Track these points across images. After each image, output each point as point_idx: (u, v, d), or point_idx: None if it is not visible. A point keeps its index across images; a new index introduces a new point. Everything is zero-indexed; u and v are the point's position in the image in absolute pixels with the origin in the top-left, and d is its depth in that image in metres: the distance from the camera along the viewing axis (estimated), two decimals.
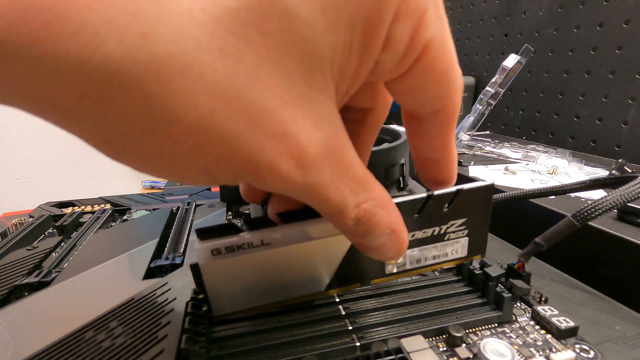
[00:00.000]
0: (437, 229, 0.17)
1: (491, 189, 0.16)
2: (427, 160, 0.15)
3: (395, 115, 0.30)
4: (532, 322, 0.18)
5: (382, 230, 0.13)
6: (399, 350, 0.15)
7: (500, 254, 0.24)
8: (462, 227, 0.17)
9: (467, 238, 0.17)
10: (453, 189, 0.16)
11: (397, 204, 0.16)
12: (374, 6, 0.10)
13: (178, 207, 0.34)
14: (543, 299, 0.19)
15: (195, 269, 0.15)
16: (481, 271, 0.19)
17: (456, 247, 0.17)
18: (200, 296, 0.16)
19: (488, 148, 0.53)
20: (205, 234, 0.15)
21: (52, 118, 0.09)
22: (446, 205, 0.16)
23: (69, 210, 0.35)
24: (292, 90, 0.10)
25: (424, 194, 0.16)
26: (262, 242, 0.15)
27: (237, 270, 0.15)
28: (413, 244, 0.17)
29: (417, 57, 0.11)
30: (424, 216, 0.16)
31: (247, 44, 0.09)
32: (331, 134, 0.11)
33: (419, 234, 0.16)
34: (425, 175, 0.16)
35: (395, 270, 0.17)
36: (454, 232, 0.17)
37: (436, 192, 0.16)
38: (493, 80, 0.50)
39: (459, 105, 0.14)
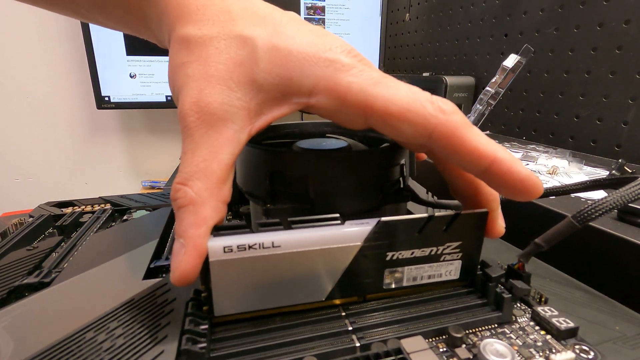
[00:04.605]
0: (435, 249, 0.18)
1: (485, 216, 0.18)
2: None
3: None
4: (532, 323, 0.18)
5: None
6: (399, 350, 0.15)
7: (500, 254, 0.24)
8: (457, 250, 0.18)
9: (460, 261, 0.18)
10: (451, 212, 0.17)
11: (401, 222, 0.16)
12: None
13: None
14: (543, 299, 0.19)
15: (204, 265, 0.15)
16: (481, 272, 0.19)
17: (450, 269, 0.18)
18: (204, 295, 0.16)
19: None
20: (218, 230, 0.15)
21: None
22: (444, 227, 0.17)
23: (69, 210, 0.34)
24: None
25: (425, 215, 0.17)
26: (273, 244, 0.15)
27: (244, 270, 0.15)
28: (412, 261, 0.17)
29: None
30: (424, 235, 0.17)
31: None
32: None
33: (418, 252, 0.17)
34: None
35: (393, 286, 0.18)
36: (449, 253, 0.18)
37: (436, 214, 0.17)
38: (493, 80, 0.50)
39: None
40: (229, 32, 0.17)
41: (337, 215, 0.17)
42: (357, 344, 0.15)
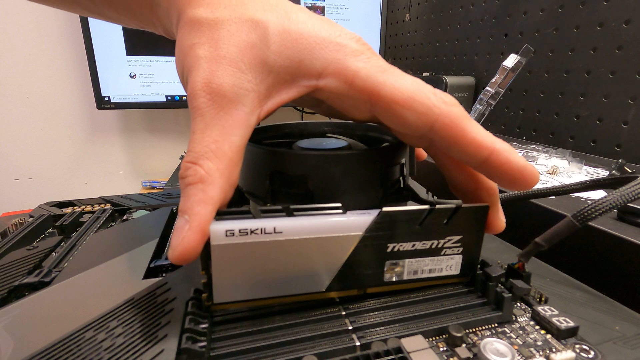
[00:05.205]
0: (436, 242, 0.18)
1: (486, 210, 0.18)
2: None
3: None
4: (532, 322, 0.18)
5: None
6: (399, 350, 0.15)
7: (500, 254, 0.24)
8: (458, 244, 0.18)
9: (461, 256, 0.18)
10: (452, 205, 0.17)
11: (402, 213, 0.16)
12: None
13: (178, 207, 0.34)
14: (543, 299, 0.19)
15: (205, 249, 0.15)
16: (481, 271, 0.19)
17: (451, 264, 0.18)
18: (203, 281, 0.16)
19: None
20: (221, 214, 0.15)
21: None
22: (445, 220, 0.17)
23: (69, 210, 0.34)
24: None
25: (427, 207, 0.17)
26: (275, 230, 0.15)
27: (245, 256, 0.15)
28: (413, 254, 0.17)
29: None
30: (424, 228, 0.17)
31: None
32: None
33: (419, 245, 0.17)
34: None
35: (394, 279, 0.18)
36: (450, 247, 0.18)
37: (437, 206, 0.17)
38: (493, 80, 0.50)
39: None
40: (241, 15, 0.17)
41: (339, 204, 0.17)
42: (357, 343, 0.15)
